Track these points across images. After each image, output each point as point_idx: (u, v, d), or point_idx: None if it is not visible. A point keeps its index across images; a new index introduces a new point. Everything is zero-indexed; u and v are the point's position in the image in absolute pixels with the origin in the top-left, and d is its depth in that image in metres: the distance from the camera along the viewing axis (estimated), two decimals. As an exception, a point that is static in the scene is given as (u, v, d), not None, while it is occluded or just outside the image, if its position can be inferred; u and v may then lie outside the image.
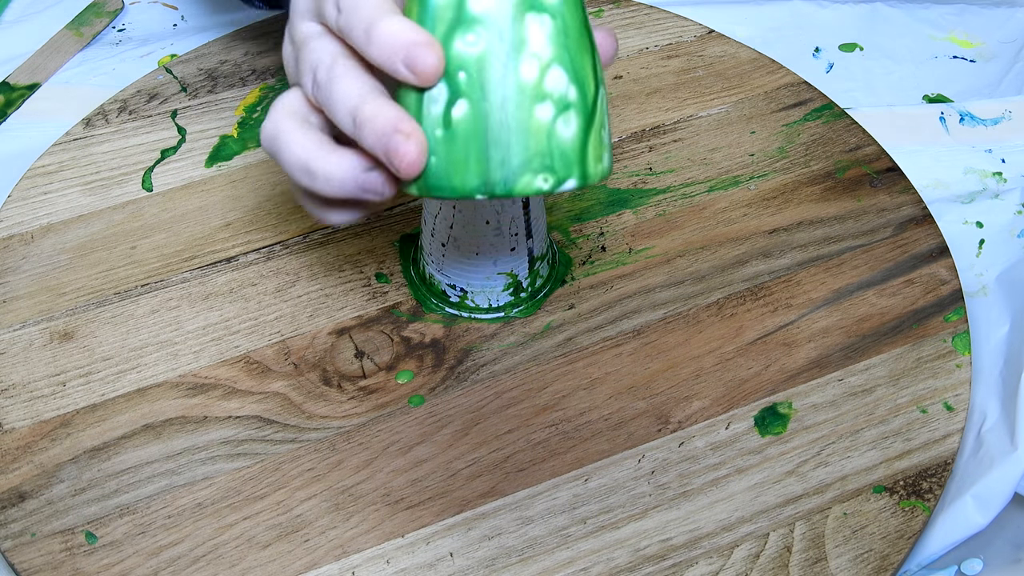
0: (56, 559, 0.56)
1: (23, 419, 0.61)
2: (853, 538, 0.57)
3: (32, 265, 0.68)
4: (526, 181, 0.46)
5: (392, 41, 0.45)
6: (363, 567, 0.56)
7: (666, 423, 0.61)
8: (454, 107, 0.45)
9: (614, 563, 0.56)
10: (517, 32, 0.45)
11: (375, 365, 0.63)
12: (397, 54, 0.45)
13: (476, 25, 0.45)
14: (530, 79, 0.45)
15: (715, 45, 0.79)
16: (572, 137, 0.46)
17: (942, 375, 0.63)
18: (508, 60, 0.45)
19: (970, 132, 0.77)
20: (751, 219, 0.70)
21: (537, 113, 0.45)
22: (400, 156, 0.45)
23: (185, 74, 0.78)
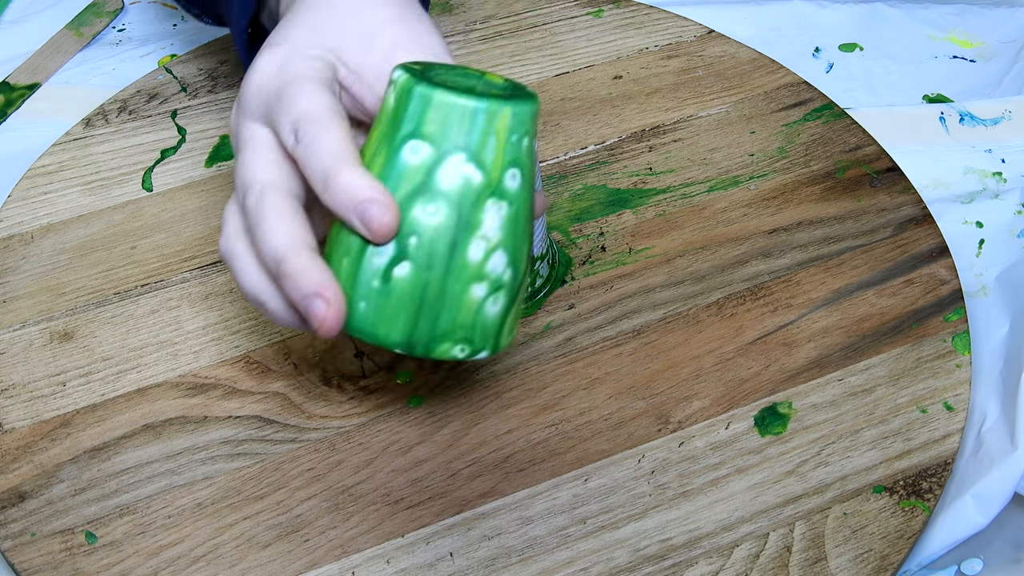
0: (56, 559, 0.56)
1: (23, 419, 0.61)
2: (853, 538, 0.57)
3: (32, 265, 0.68)
4: (445, 348, 0.47)
5: (351, 195, 0.45)
6: (363, 567, 0.56)
7: (666, 423, 0.61)
8: (397, 266, 0.46)
9: (614, 563, 0.56)
10: (475, 214, 0.46)
11: (375, 365, 0.63)
12: (354, 208, 0.45)
13: (439, 198, 0.46)
14: (475, 259, 0.47)
15: (715, 45, 0.79)
16: (496, 314, 0.48)
17: (942, 375, 0.63)
18: (459, 238, 0.46)
19: (970, 132, 0.77)
20: (751, 219, 0.70)
21: (472, 291, 0.47)
22: (320, 321, 0.45)
23: (185, 74, 0.78)
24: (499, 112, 0.46)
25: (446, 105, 0.46)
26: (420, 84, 0.46)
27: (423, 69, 0.48)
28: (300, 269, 0.45)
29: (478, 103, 0.46)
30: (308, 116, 0.47)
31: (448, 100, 0.46)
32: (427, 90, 0.46)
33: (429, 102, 0.46)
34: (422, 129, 0.46)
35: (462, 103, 0.46)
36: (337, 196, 0.45)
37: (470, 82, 0.48)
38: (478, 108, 0.46)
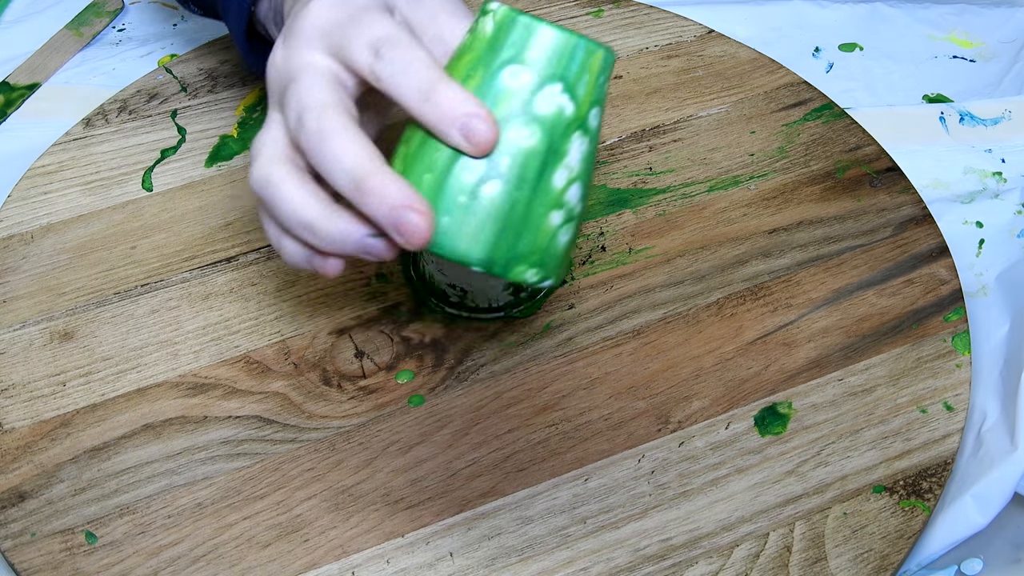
0: (56, 559, 0.56)
1: (23, 419, 0.61)
2: (853, 538, 0.57)
3: (32, 265, 0.68)
4: (521, 270, 0.48)
5: (454, 108, 0.45)
6: (363, 567, 0.56)
7: (666, 423, 0.61)
8: (486, 184, 0.47)
9: (614, 563, 0.56)
10: (563, 143, 0.48)
11: (375, 365, 0.63)
12: (455, 121, 0.45)
13: (534, 123, 0.47)
14: (558, 186, 0.48)
15: (715, 45, 0.79)
16: (565, 244, 0.49)
17: (942, 375, 0.63)
18: (548, 163, 0.48)
19: (970, 132, 0.77)
20: (751, 219, 0.70)
21: (551, 218, 0.48)
22: (411, 232, 0.45)
23: (185, 74, 0.78)
24: (595, 52, 0.48)
25: (550, 37, 0.47)
26: (523, 15, 0.47)
27: None
28: (384, 182, 0.45)
29: (579, 39, 0.47)
30: (391, 38, 0.47)
31: (552, 32, 0.47)
32: (531, 21, 0.47)
33: (533, 32, 0.47)
34: (524, 55, 0.47)
35: (565, 37, 0.47)
36: (438, 109, 0.45)
37: None
38: (579, 44, 0.47)
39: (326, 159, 0.46)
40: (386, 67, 0.46)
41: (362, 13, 0.48)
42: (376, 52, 0.47)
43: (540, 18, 0.48)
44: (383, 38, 0.47)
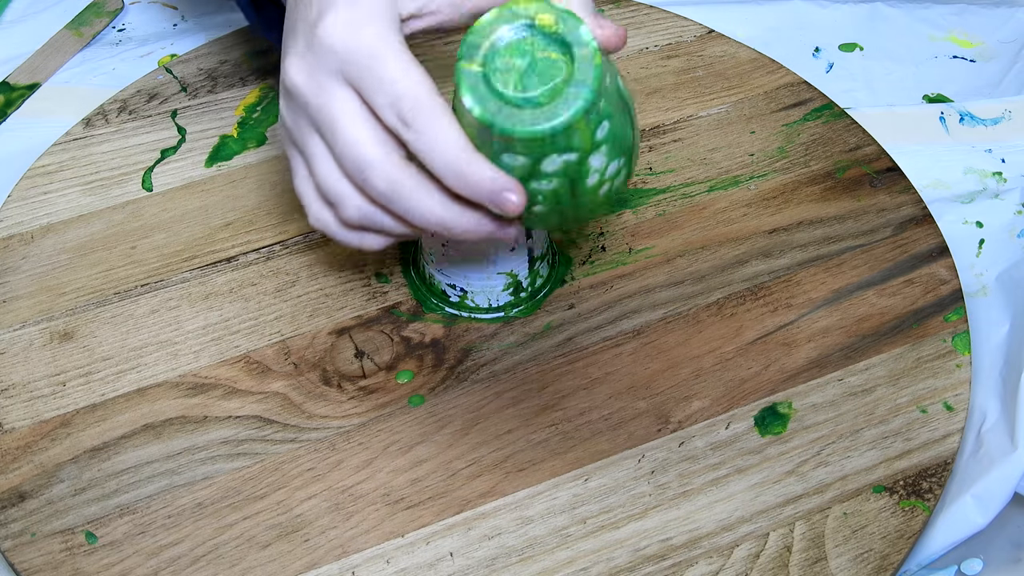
0: (56, 559, 0.56)
1: (23, 419, 0.61)
2: (853, 538, 0.57)
3: (32, 265, 0.68)
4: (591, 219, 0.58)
5: (484, 186, 0.51)
6: (363, 567, 0.56)
7: (666, 423, 0.61)
8: (534, 208, 0.54)
9: (614, 563, 0.56)
10: (583, 168, 0.52)
11: (375, 365, 0.63)
12: (488, 197, 0.51)
13: (548, 176, 0.52)
14: (593, 182, 0.53)
15: (715, 45, 0.79)
16: (621, 182, 0.55)
17: (942, 375, 0.63)
18: (576, 182, 0.53)
19: (970, 132, 0.77)
20: (751, 219, 0.70)
21: (600, 192, 0.54)
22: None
23: (185, 74, 0.78)
24: (572, 122, 0.50)
25: (525, 138, 0.50)
26: (495, 124, 0.50)
27: (483, 70, 0.51)
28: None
29: (552, 127, 0.50)
30: (414, 103, 0.51)
31: (525, 134, 0.50)
32: (504, 130, 0.50)
33: (511, 138, 0.50)
34: (513, 149, 0.51)
35: (538, 133, 0.50)
36: (470, 187, 0.51)
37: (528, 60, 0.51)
38: (554, 132, 0.50)
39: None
40: (415, 139, 0.51)
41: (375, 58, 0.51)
42: (402, 119, 0.51)
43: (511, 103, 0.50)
44: (403, 100, 0.51)
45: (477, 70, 0.50)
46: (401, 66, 0.51)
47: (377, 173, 0.52)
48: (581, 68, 0.50)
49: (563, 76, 0.50)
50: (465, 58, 0.51)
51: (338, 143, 0.52)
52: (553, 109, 0.50)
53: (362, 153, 0.52)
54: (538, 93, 0.50)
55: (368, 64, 0.51)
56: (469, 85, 0.50)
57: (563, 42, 0.50)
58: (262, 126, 0.74)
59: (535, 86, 0.50)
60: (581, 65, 0.50)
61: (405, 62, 0.51)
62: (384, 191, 0.52)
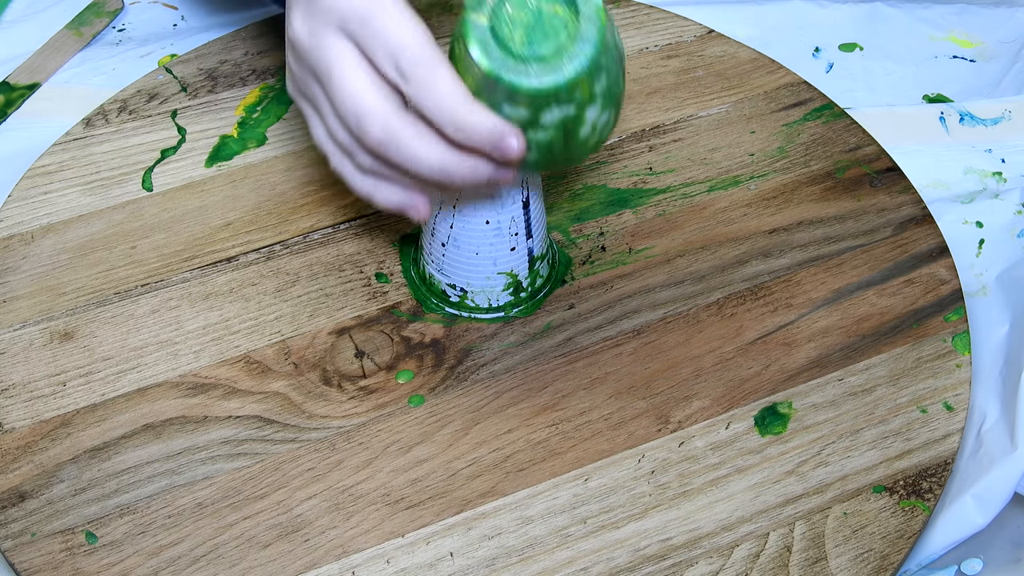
0: (56, 559, 0.56)
1: (23, 419, 0.61)
2: (853, 538, 0.57)
3: (32, 265, 0.68)
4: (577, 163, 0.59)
5: (482, 134, 0.52)
6: (363, 567, 0.56)
7: (666, 423, 0.61)
8: (527, 156, 0.55)
9: (614, 563, 0.56)
10: (578, 120, 0.53)
11: (375, 365, 0.63)
12: (487, 143, 0.52)
13: (546, 127, 0.53)
14: (586, 135, 0.55)
15: (715, 45, 0.79)
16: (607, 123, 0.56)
17: (942, 375, 0.63)
18: (570, 135, 0.54)
19: (970, 132, 0.77)
20: (751, 219, 0.70)
21: (589, 140, 0.55)
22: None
23: (185, 74, 0.78)
24: (576, 80, 0.51)
25: (531, 92, 0.51)
26: (502, 77, 0.51)
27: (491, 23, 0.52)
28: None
29: (556, 82, 0.51)
30: (411, 56, 0.51)
31: (531, 89, 0.51)
32: (510, 84, 0.51)
33: (516, 91, 0.51)
34: (516, 101, 0.52)
35: (543, 89, 0.51)
36: (470, 136, 0.52)
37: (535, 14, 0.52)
38: (558, 88, 0.51)
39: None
40: (414, 91, 0.52)
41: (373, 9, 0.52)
42: (401, 72, 0.51)
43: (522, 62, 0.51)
44: (400, 53, 0.51)
45: (484, 23, 0.52)
46: (399, 20, 0.52)
47: (374, 121, 0.53)
48: (586, 25, 0.52)
49: (568, 32, 0.52)
50: (473, 9, 0.52)
51: (336, 94, 0.53)
52: (559, 65, 0.51)
53: (359, 103, 0.53)
54: (544, 49, 0.52)
55: (366, 18, 0.52)
56: (477, 37, 0.51)
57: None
58: (262, 126, 0.74)
59: (540, 41, 0.52)
60: (586, 22, 0.52)
61: (403, 15, 0.52)
62: (382, 139, 0.53)
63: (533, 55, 0.52)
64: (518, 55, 0.52)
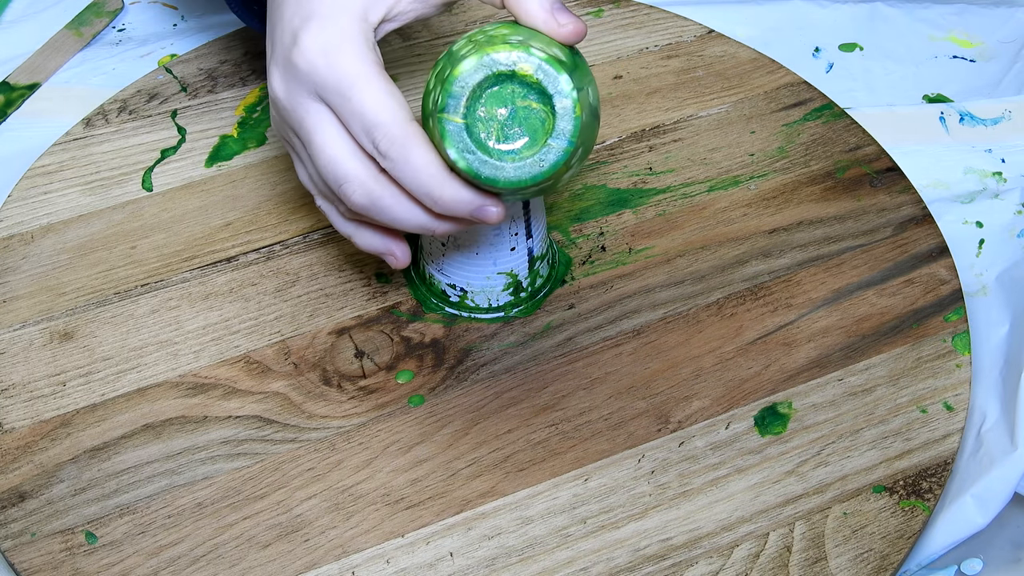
0: (56, 559, 0.56)
1: (23, 419, 0.61)
2: (853, 538, 0.57)
3: (32, 265, 0.68)
4: None
5: (462, 206, 0.53)
6: (363, 567, 0.56)
7: (666, 423, 0.61)
8: None
9: (614, 563, 0.56)
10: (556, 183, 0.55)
11: (375, 365, 0.63)
12: (468, 214, 0.53)
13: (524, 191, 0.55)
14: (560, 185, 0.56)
15: (715, 45, 0.79)
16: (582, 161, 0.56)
17: (942, 375, 0.63)
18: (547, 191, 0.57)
19: (970, 132, 0.77)
20: (751, 219, 0.70)
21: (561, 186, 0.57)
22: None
23: (185, 74, 0.78)
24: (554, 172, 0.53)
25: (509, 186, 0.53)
26: (480, 175, 0.52)
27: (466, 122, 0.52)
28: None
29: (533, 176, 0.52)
30: (386, 132, 0.52)
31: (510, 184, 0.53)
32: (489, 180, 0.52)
33: (495, 184, 0.53)
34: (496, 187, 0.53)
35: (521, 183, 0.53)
36: (449, 209, 0.53)
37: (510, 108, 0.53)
38: (536, 180, 0.53)
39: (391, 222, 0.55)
40: (391, 167, 0.53)
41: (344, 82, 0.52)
42: (376, 147, 0.52)
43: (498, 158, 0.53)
44: (377, 129, 0.52)
45: (460, 123, 0.52)
46: (374, 95, 0.52)
47: (355, 188, 0.54)
48: (561, 119, 0.52)
49: (544, 127, 0.52)
50: (448, 110, 0.52)
51: (316, 158, 0.54)
52: (535, 161, 0.52)
53: (339, 169, 0.54)
54: (520, 146, 0.52)
55: (341, 91, 0.52)
56: (452, 139, 0.52)
57: (543, 92, 0.52)
58: (262, 126, 0.74)
59: (517, 136, 0.52)
60: (561, 116, 0.52)
61: (379, 90, 0.52)
62: (364, 204, 0.54)
63: (508, 152, 0.52)
64: (495, 154, 0.52)
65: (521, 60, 0.51)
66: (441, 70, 0.53)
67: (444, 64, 0.53)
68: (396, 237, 0.58)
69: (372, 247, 0.58)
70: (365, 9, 0.54)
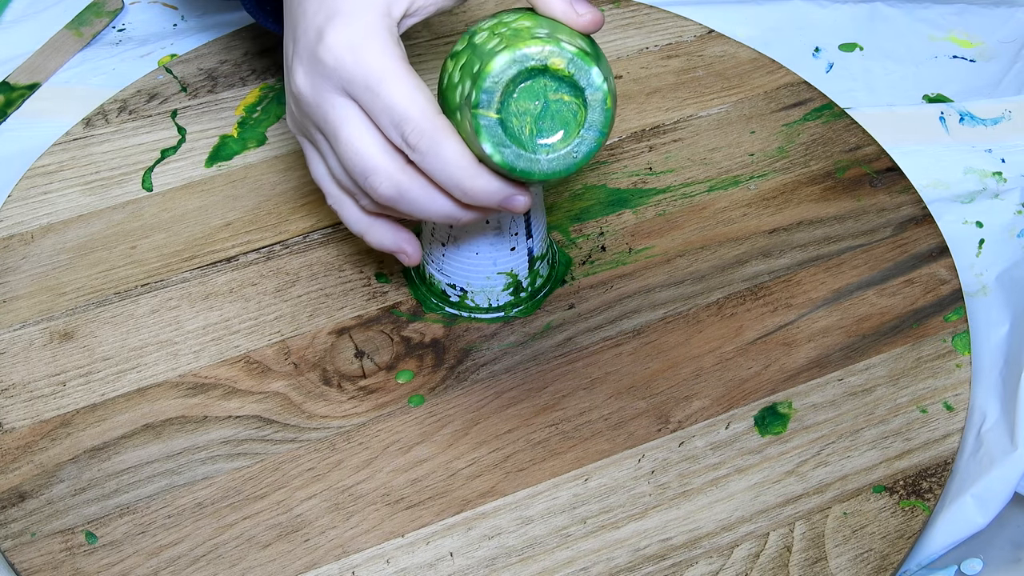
0: (56, 559, 0.56)
1: (23, 419, 0.61)
2: (853, 538, 0.57)
3: (32, 265, 0.68)
4: None
5: (491, 197, 0.54)
6: (363, 567, 0.56)
7: (666, 423, 0.61)
8: None
9: (614, 563, 0.56)
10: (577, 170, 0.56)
11: (375, 365, 0.63)
12: (493, 203, 0.54)
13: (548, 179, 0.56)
14: None
15: (715, 45, 0.79)
16: None
17: (942, 375, 0.63)
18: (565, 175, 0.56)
19: (970, 132, 0.77)
20: (751, 219, 0.70)
21: None
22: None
23: (185, 74, 0.78)
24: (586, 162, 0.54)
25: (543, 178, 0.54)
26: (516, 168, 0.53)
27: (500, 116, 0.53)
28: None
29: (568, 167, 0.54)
30: (416, 126, 0.52)
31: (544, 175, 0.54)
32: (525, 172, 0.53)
33: (530, 177, 0.54)
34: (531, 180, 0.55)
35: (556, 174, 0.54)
36: (478, 199, 0.54)
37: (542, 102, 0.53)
38: (569, 172, 0.54)
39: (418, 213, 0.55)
40: (420, 159, 0.53)
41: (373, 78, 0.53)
42: (405, 140, 0.53)
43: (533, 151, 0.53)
44: (406, 123, 0.53)
45: (495, 117, 0.53)
46: (403, 89, 0.53)
47: (383, 179, 0.54)
48: (593, 111, 0.53)
49: (576, 120, 0.53)
50: (482, 106, 0.53)
51: (343, 152, 0.54)
52: (569, 153, 0.53)
53: (367, 162, 0.54)
54: (555, 140, 0.53)
55: (370, 86, 0.53)
56: (488, 134, 0.53)
57: (575, 85, 0.53)
58: (262, 126, 0.74)
59: (550, 129, 0.53)
60: (593, 107, 0.53)
61: (407, 84, 0.53)
62: (391, 196, 0.54)
63: (543, 145, 0.53)
64: (528, 147, 0.53)
65: (553, 55, 0.52)
66: (467, 63, 0.54)
67: (470, 57, 0.54)
68: (408, 234, 0.59)
69: (384, 244, 0.59)
70: (388, 4, 0.54)
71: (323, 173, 0.58)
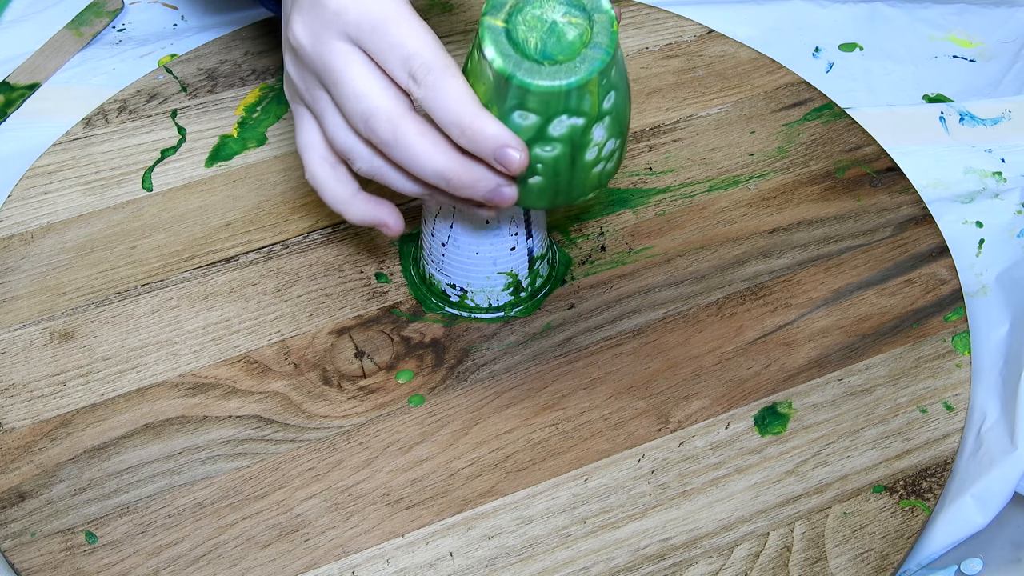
0: (56, 559, 0.56)
1: (23, 419, 0.61)
2: (853, 538, 0.57)
3: (32, 265, 0.68)
4: (582, 199, 0.58)
5: (489, 141, 0.52)
6: (363, 567, 0.56)
7: (666, 423, 0.61)
8: (531, 179, 0.55)
9: (614, 563, 0.56)
10: (585, 138, 0.54)
11: (375, 365, 0.63)
12: (492, 152, 0.52)
13: (553, 141, 0.54)
14: (591, 157, 0.55)
15: (715, 45, 0.79)
16: (613, 165, 0.57)
17: (942, 375, 0.63)
18: (576, 155, 0.55)
19: (970, 132, 0.77)
20: (751, 219, 0.70)
21: (593, 171, 0.56)
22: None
23: (185, 74, 0.78)
24: (587, 80, 0.52)
25: (542, 92, 0.52)
26: (515, 76, 0.52)
27: (507, 26, 0.53)
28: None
29: (568, 83, 0.52)
30: (424, 61, 0.52)
31: (542, 89, 0.52)
32: (522, 83, 0.52)
33: (527, 92, 0.52)
34: (526, 106, 0.53)
35: (555, 88, 0.52)
36: (475, 141, 0.52)
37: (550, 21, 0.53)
38: (570, 88, 0.52)
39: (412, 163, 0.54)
40: (424, 94, 0.52)
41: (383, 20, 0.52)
42: (413, 77, 0.52)
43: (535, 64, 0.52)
44: (414, 60, 0.52)
45: (500, 26, 0.53)
46: (410, 28, 0.52)
47: (383, 121, 0.53)
48: (599, 32, 0.53)
49: (582, 39, 0.53)
50: (490, 13, 0.53)
51: (344, 96, 0.54)
52: (571, 67, 0.53)
53: (369, 104, 0.53)
54: (557, 52, 0.53)
55: (377, 28, 0.52)
56: (492, 38, 0.53)
57: (583, 7, 0.53)
58: (262, 126, 0.74)
59: (554, 45, 0.53)
60: (599, 29, 0.53)
61: (413, 23, 0.53)
62: (389, 138, 0.53)
63: (546, 56, 0.53)
64: (532, 56, 0.53)
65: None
66: None
67: None
68: (389, 206, 0.58)
69: (365, 218, 0.58)
70: None
71: (310, 141, 0.57)
